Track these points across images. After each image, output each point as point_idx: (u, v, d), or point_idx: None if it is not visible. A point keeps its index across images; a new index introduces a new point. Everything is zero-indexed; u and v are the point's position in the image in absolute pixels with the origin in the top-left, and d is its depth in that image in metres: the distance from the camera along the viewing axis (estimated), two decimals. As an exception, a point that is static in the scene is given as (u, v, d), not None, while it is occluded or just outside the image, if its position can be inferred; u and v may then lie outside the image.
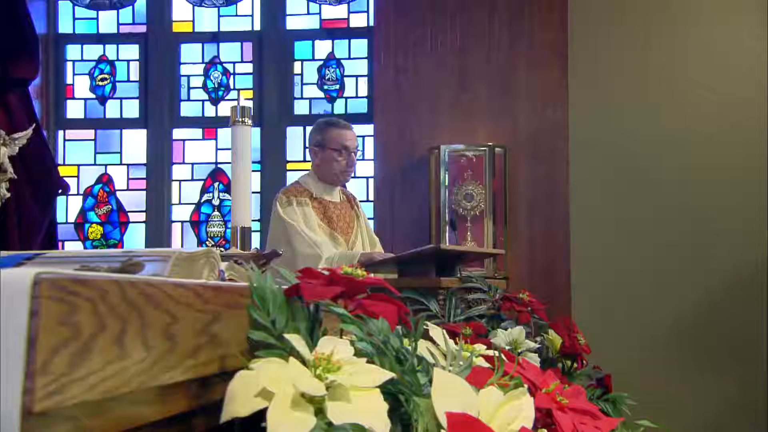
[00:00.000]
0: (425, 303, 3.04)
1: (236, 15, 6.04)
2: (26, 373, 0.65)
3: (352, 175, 4.34)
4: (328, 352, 1.03)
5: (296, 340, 1.05)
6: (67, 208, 5.86)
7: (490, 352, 1.34)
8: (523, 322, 3.08)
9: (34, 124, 5.20)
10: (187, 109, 6.01)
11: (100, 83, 5.99)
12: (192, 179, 5.95)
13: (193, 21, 6.06)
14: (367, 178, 5.69)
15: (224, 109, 5.98)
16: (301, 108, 5.96)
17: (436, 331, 1.45)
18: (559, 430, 1.12)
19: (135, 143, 5.96)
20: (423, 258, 3.33)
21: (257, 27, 6.01)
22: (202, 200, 5.92)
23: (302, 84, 5.97)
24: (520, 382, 1.11)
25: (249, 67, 6.02)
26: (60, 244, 5.60)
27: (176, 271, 1.14)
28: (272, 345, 1.14)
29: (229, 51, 6.04)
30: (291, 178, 5.79)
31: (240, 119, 2.26)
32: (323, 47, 5.99)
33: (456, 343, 1.49)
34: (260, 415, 0.99)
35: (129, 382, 0.81)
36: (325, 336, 1.24)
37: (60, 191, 5.48)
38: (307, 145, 5.65)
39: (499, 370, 1.14)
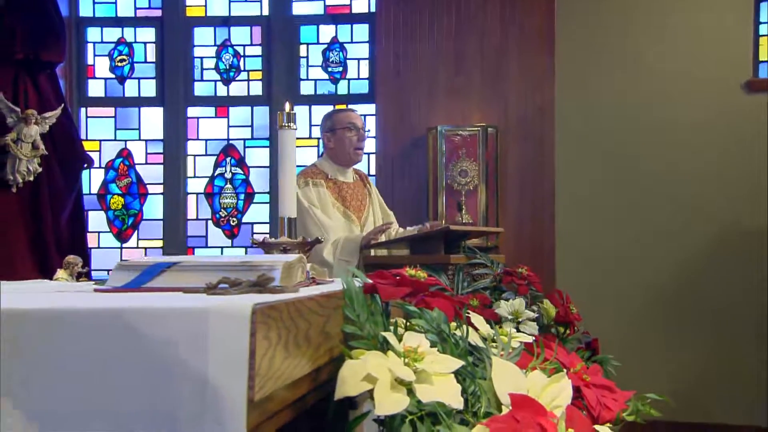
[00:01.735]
0: (436, 277, 3.29)
1: (246, 0, 6.19)
2: (249, 375, 0.90)
3: (364, 152, 4.50)
4: (415, 346, 1.28)
5: (390, 337, 1.30)
6: (90, 181, 6.05)
7: (527, 338, 1.60)
8: (522, 293, 3.34)
9: (62, 104, 5.39)
10: (200, 89, 6.18)
11: (119, 64, 6.16)
12: (206, 154, 6.14)
13: (205, 6, 6.20)
14: (369, 154, 5.89)
15: (235, 89, 6.18)
16: (306, 88, 6.14)
17: (478, 319, 1.71)
18: (586, 403, 1.38)
19: (152, 120, 6.14)
20: (433, 237, 3.57)
21: (266, 12, 6.17)
22: (215, 174, 6.12)
23: (308, 66, 6.15)
24: (557, 366, 1.36)
25: (258, 50, 6.18)
26: (86, 213, 5.79)
27: (284, 276, 1.38)
28: (359, 336, 1.40)
29: (239, 34, 6.20)
30: (297, 153, 6.01)
31: (286, 124, 2.46)
32: (327, 32, 6.16)
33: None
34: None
35: (290, 375, 1.06)
36: (395, 324, 1.50)
37: (85, 165, 5.65)
38: (318, 129, 5.91)
39: (540, 357, 1.39)
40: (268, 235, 6.00)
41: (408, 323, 1.53)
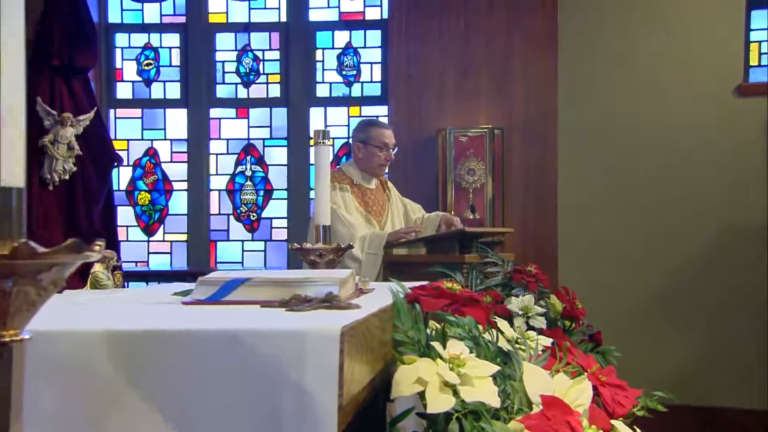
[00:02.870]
0: (452, 275, 3.46)
1: (265, 8, 6.34)
2: (339, 385, 1.06)
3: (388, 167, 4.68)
4: (458, 353, 1.45)
5: (437, 346, 1.47)
6: (119, 178, 6.21)
7: (547, 341, 1.76)
8: (531, 290, 3.50)
9: (95, 107, 5.54)
10: (222, 91, 6.34)
11: (146, 68, 6.32)
12: (227, 153, 6.31)
13: (227, 13, 6.36)
14: (382, 153, 6.04)
15: (255, 91, 6.33)
16: (322, 91, 6.29)
17: (503, 323, 1.87)
18: (602, 400, 1.54)
19: (177, 121, 6.31)
20: (448, 238, 3.73)
21: (284, 18, 6.32)
22: (236, 171, 6.29)
23: (323, 70, 6.29)
24: (579, 370, 1.53)
25: (276, 54, 6.33)
26: (116, 209, 5.95)
27: (342, 290, 1.55)
28: (405, 342, 1.56)
29: (258, 40, 6.35)
30: (313, 153, 6.17)
31: (321, 140, 2.63)
32: (342, 37, 6.31)
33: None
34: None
35: (362, 382, 1.22)
36: (435, 330, 1.66)
37: (115, 164, 5.81)
38: (333, 129, 6.10)
39: (562, 360, 1.55)
40: (287, 230, 6.19)
41: (443, 328, 1.69)
